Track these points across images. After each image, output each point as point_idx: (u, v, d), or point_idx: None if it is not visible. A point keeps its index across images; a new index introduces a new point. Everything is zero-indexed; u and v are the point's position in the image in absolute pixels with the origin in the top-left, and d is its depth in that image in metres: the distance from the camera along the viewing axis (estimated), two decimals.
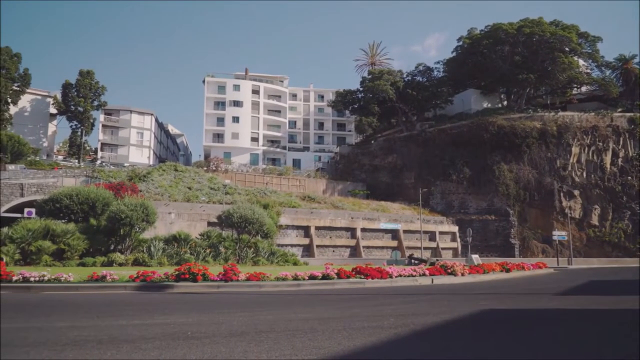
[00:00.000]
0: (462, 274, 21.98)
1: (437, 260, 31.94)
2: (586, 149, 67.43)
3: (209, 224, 41.90)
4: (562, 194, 64.99)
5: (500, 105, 77.41)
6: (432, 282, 19.96)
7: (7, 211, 42.37)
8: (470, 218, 63.01)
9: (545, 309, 11.59)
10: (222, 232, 30.88)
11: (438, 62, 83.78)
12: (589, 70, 77.01)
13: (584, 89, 79.65)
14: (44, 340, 6.20)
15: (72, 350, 5.59)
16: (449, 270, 21.71)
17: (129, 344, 5.95)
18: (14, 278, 14.21)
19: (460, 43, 77.65)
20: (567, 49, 70.40)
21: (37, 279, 14.31)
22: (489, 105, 77.05)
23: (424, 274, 20.36)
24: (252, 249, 28.67)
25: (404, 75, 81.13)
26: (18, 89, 70.94)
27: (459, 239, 60.91)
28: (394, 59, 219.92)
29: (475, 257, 34.00)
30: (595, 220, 64.55)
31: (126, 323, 7.93)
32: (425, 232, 57.66)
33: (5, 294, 13.18)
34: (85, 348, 5.70)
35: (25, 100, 75.05)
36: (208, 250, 26.67)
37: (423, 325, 8.06)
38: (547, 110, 71.17)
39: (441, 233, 60.33)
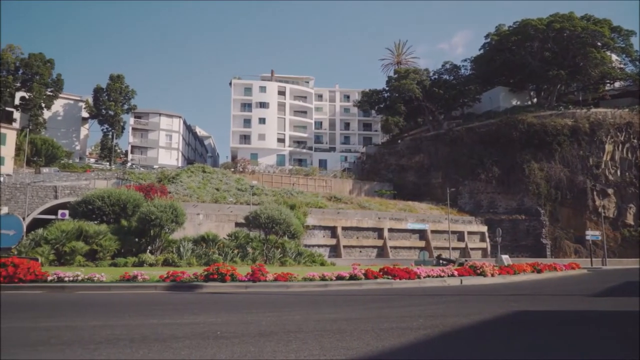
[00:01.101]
0: (492, 275, 21.62)
1: (466, 260, 31.52)
2: (620, 146, 65.56)
3: (237, 224, 42.27)
4: (595, 193, 63.33)
5: (529, 102, 75.91)
6: (461, 282, 19.69)
7: (41, 213, 43.62)
8: (499, 218, 61.97)
9: (579, 310, 11.30)
10: (250, 233, 31.06)
11: (465, 60, 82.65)
12: (622, 65, 74.80)
13: (617, 84, 77.45)
14: (78, 338, 6.34)
15: (106, 348, 5.70)
16: (479, 271, 21.37)
17: (160, 343, 6.03)
18: (49, 278, 14.57)
19: (488, 40, 76.45)
20: (599, 43, 68.58)
21: (71, 279, 14.64)
22: (518, 102, 75.66)
23: (452, 275, 20.10)
24: (279, 250, 28.77)
25: (431, 74, 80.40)
26: (51, 94, 72.93)
27: (488, 239, 60.00)
28: (420, 57, 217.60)
29: (505, 258, 33.38)
30: (630, 219, 62.71)
31: (157, 322, 8.05)
32: (454, 232, 56.99)
33: (41, 294, 13.57)
34: (118, 346, 5.81)
35: (58, 105, 77.13)
36: (236, 251, 26.87)
37: (452, 326, 7.95)
38: (579, 107, 69.45)
39: (470, 233, 59.53)
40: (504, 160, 64.99)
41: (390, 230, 54.68)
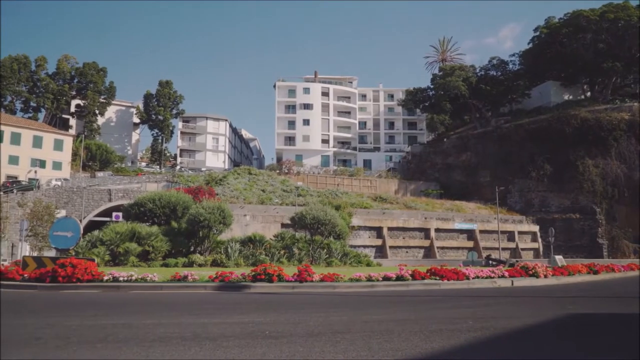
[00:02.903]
0: (545, 276, 20.88)
1: (517, 261, 30.61)
2: None
3: (283, 225, 42.67)
4: None
5: (583, 96, 72.96)
6: (512, 284, 19.11)
7: (97, 215, 45.48)
8: (552, 217, 59.79)
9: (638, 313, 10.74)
10: (296, 234, 31.27)
11: (513, 55, 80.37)
12: None
13: None
14: (134, 336, 6.56)
15: (159, 346, 5.87)
16: (531, 272, 20.67)
17: (210, 342, 6.16)
18: (105, 278, 15.17)
19: (537, 33, 73.98)
20: None
21: (125, 278, 15.20)
22: (571, 97, 72.83)
23: (503, 276, 19.55)
24: (325, 250, 28.79)
25: (477, 70, 78.56)
26: (104, 101, 76.03)
27: (540, 239, 58.05)
28: (465, 53, 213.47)
29: (559, 258, 32.16)
30: None
31: (207, 321, 8.22)
32: (503, 232, 55.47)
33: (97, 293, 14.15)
34: (171, 344, 5.97)
35: (111, 111, 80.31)
36: (282, 252, 27.09)
37: (504, 329, 7.73)
38: (636, 100, 66.13)
39: (520, 233, 57.80)
40: (556, 158, 62.63)
41: (437, 230, 53.80)
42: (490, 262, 34.36)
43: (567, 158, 62.08)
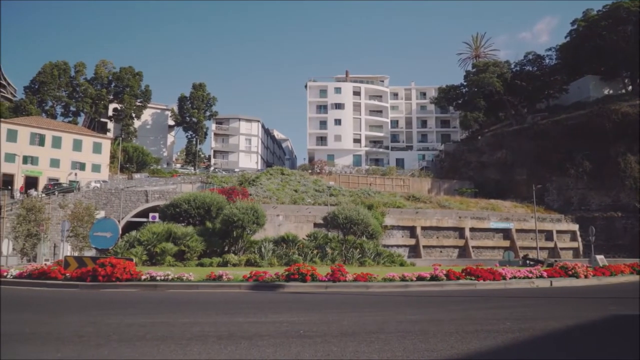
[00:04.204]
0: (586, 276, 20.26)
1: (556, 261, 29.84)
2: None
3: (315, 225, 42.78)
4: None
5: (624, 90, 70.52)
6: (551, 284, 18.62)
7: (134, 216, 46.64)
8: (592, 215, 57.97)
9: None
10: (328, 233, 31.29)
11: (549, 49, 78.22)
12: None
13: None
14: (171, 335, 6.68)
15: (196, 345, 5.97)
16: (570, 272, 20.09)
17: (246, 341, 6.22)
18: (143, 277, 15.53)
19: (575, 26, 71.94)
20: None
21: (162, 278, 15.52)
22: (611, 91, 70.52)
23: (541, 276, 19.07)
24: (358, 250, 28.73)
25: (512, 66, 76.93)
26: (140, 104, 77.87)
27: (580, 239, 56.38)
28: (499, 49, 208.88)
29: (600, 258, 31.14)
30: None
31: (242, 320, 8.31)
32: (541, 231, 54.11)
33: (136, 292, 14.49)
34: (207, 343, 6.06)
35: (147, 114, 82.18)
36: (315, 251, 27.16)
37: (543, 330, 7.52)
38: None
39: (559, 232, 56.28)
40: (596, 154, 60.70)
41: (472, 229, 52.92)
42: (528, 262, 33.61)
43: (608, 154, 60.13)
